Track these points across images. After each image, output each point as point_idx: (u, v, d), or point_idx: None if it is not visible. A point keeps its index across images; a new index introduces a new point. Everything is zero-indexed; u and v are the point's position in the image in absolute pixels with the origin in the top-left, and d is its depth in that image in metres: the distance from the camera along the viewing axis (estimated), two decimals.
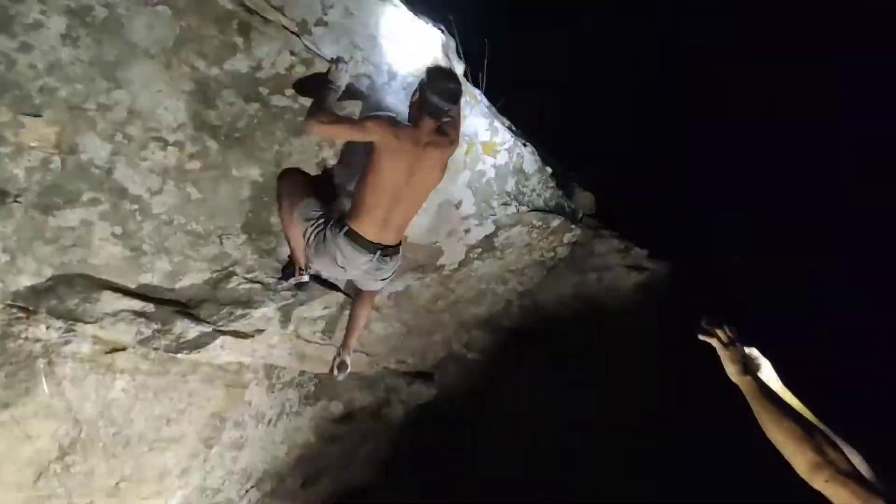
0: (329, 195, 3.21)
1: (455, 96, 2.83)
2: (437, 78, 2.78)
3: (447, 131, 2.96)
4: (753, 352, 1.91)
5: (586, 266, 5.72)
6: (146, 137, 2.67)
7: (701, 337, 1.91)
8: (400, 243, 3.05)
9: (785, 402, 1.67)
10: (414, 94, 2.89)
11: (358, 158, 3.08)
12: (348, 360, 3.50)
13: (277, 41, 2.66)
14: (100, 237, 2.87)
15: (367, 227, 2.82)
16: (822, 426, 1.65)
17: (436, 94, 2.74)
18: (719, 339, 1.85)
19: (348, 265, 2.89)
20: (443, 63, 2.99)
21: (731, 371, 1.79)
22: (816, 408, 1.81)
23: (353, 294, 3.55)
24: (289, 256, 3.41)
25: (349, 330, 3.50)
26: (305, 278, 3.41)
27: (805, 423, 1.58)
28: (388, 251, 2.93)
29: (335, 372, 3.43)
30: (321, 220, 2.87)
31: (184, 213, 2.98)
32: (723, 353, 1.83)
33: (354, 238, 2.81)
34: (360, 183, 2.82)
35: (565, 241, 4.61)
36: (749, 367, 1.78)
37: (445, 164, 3.05)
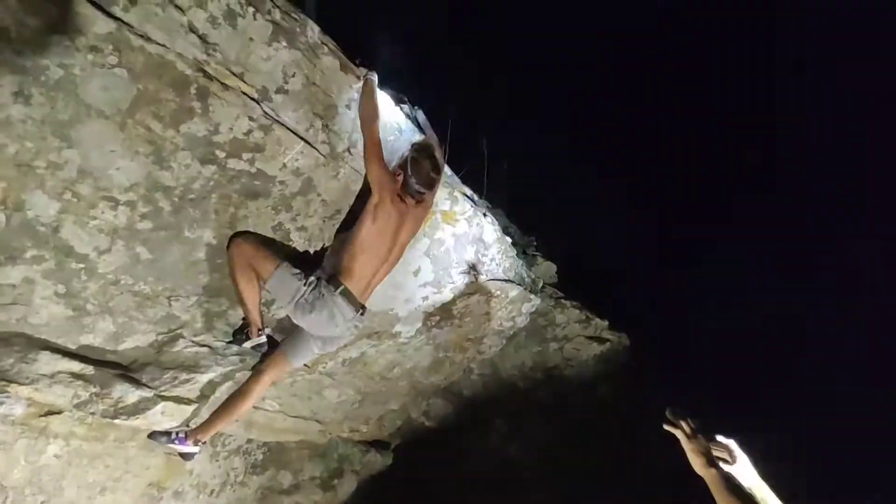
0: (306, 259, 3.29)
1: (431, 184, 3.07)
2: (419, 163, 3.00)
3: (427, 206, 3.25)
4: (731, 444, 1.96)
5: (547, 336, 5.72)
6: (96, 197, 2.62)
7: (666, 427, 1.96)
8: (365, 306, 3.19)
9: (749, 498, 1.69)
10: (396, 169, 3.05)
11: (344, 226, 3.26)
12: (198, 449, 3.26)
13: (236, 107, 2.68)
14: (41, 296, 2.77)
15: (356, 287, 3.00)
16: None
17: (415, 179, 2.99)
18: (683, 431, 1.89)
19: (341, 322, 3.00)
20: (417, 135, 3.18)
21: (696, 463, 1.82)
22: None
23: (260, 367, 3.34)
24: (243, 319, 3.35)
25: (229, 409, 3.23)
26: (263, 339, 3.36)
27: None
28: (363, 311, 3.12)
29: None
30: (313, 279, 2.97)
31: (132, 274, 2.92)
32: (687, 446, 1.87)
33: (348, 296, 2.97)
34: (351, 253, 2.97)
35: (524, 310, 4.61)
36: (713, 460, 1.80)
37: (421, 222, 3.32)
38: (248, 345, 3.38)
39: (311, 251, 3.35)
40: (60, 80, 2.31)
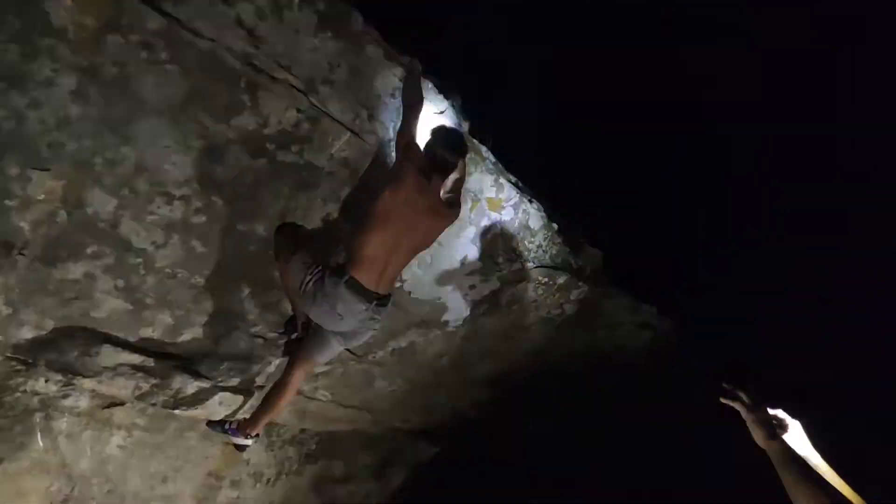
0: (323, 246, 3.21)
1: (462, 150, 2.94)
2: (443, 134, 2.88)
3: (452, 203, 3.00)
4: (780, 413, 1.81)
5: (595, 324, 5.63)
6: (152, 192, 2.69)
7: (723, 401, 1.80)
8: (390, 295, 2.96)
9: (812, 470, 1.59)
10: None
11: (359, 209, 3.08)
12: (251, 442, 3.21)
13: (284, 99, 2.71)
14: (102, 290, 2.86)
15: (367, 277, 2.75)
16: (851, 495, 1.56)
17: (444, 148, 2.83)
18: (742, 402, 1.76)
19: (347, 314, 2.79)
20: (449, 122, 3.05)
21: (758, 436, 1.69)
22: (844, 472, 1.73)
23: (290, 361, 3.25)
24: (293, 310, 3.39)
25: (270, 404, 3.17)
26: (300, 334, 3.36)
27: (833, 493, 1.50)
28: (382, 301, 2.86)
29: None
30: (319, 269, 2.81)
31: (187, 267, 2.98)
32: (748, 418, 1.73)
33: (355, 287, 2.73)
34: (362, 233, 2.77)
35: (572, 297, 4.55)
36: (775, 432, 1.68)
37: (440, 233, 3.05)
38: (294, 336, 3.39)
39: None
40: (115, 79, 2.37)
